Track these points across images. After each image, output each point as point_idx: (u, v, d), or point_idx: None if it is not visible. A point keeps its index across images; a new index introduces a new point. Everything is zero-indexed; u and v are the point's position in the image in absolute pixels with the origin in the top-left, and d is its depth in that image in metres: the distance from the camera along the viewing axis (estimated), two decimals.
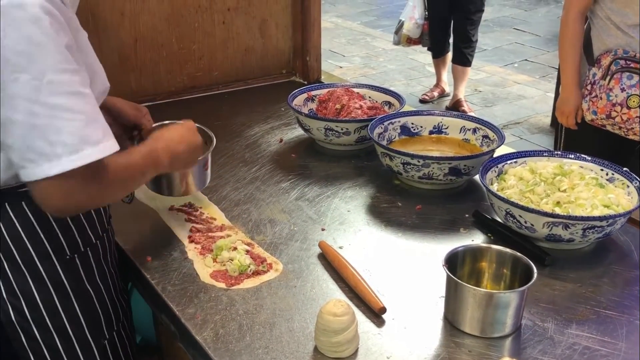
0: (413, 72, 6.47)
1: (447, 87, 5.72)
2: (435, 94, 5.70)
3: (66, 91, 1.14)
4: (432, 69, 5.82)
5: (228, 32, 2.57)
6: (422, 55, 6.41)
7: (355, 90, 2.24)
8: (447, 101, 5.60)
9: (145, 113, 1.67)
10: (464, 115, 2.03)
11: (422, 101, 5.67)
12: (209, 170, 1.69)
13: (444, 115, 2.03)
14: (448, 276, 1.28)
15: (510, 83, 6.17)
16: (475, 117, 2.01)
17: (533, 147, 4.79)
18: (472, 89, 5.96)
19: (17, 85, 1.11)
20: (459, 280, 1.26)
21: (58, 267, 1.36)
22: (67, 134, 1.14)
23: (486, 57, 6.93)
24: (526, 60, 6.86)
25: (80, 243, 1.39)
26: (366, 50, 7.20)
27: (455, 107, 5.35)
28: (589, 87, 2.35)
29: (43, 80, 1.12)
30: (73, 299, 1.39)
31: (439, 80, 5.72)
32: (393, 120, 2.00)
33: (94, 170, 1.18)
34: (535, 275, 1.28)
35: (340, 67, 6.62)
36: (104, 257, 1.47)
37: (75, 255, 1.39)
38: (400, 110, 2.07)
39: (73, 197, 1.19)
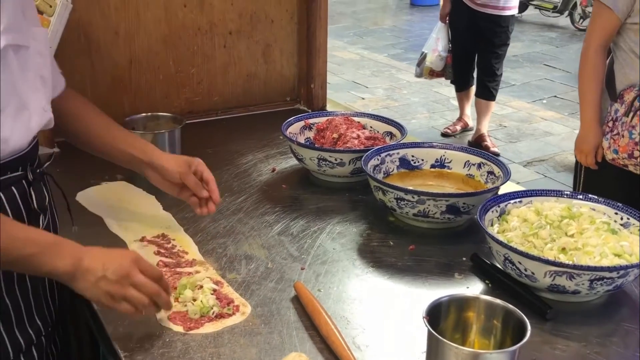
0: (437, 105, 6.33)
1: (471, 121, 5.57)
2: (458, 127, 5.55)
3: None
4: (456, 102, 5.68)
5: (229, 57, 2.46)
6: (447, 89, 6.28)
7: (356, 119, 2.10)
8: (469, 135, 5.44)
9: (195, 166, 1.59)
10: (469, 149, 1.87)
11: (444, 135, 5.53)
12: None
13: (446, 149, 1.88)
14: (429, 331, 1.12)
15: (537, 119, 6.00)
16: (480, 152, 1.86)
17: (558, 186, 4.60)
18: (497, 124, 5.80)
19: None
20: (439, 337, 1.10)
21: None
22: None
23: (514, 93, 6.78)
24: (555, 96, 6.69)
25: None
26: (390, 82, 7.09)
27: (478, 142, 5.19)
28: (610, 124, 2.18)
29: None
30: None
31: (462, 114, 5.58)
32: (391, 152, 1.85)
33: None
34: (528, 332, 1.10)
35: (362, 99, 6.52)
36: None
37: None
38: (401, 142, 1.92)
39: None
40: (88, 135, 1.57)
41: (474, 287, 1.46)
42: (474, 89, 5.30)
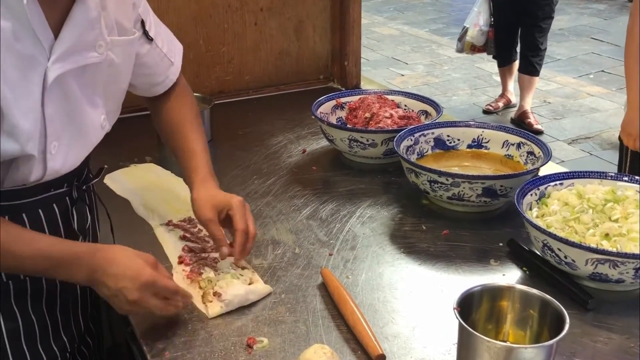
0: (478, 81, 6.17)
1: (514, 97, 5.41)
2: (501, 104, 5.40)
3: None
4: (499, 78, 5.52)
5: (260, 34, 2.41)
6: (490, 64, 6.10)
7: (390, 97, 2.03)
8: (512, 112, 5.29)
9: (229, 211, 1.32)
10: (508, 128, 1.78)
11: (486, 112, 5.39)
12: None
13: (484, 128, 1.79)
14: (460, 323, 1.06)
15: (583, 95, 5.79)
16: (520, 131, 1.77)
17: (604, 164, 4.44)
18: (541, 100, 5.63)
19: None
20: (471, 330, 1.04)
21: None
22: None
23: (559, 68, 6.56)
24: (603, 71, 6.45)
25: None
26: (431, 58, 6.94)
27: (521, 119, 5.05)
28: None
29: None
30: None
31: (505, 90, 5.42)
32: (425, 132, 1.78)
33: None
34: (567, 325, 1.03)
35: (402, 75, 6.39)
36: None
37: None
38: (435, 121, 1.84)
39: None
40: (165, 140, 1.50)
41: (510, 275, 1.39)
42: (517, 64, 5.14)
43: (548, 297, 1.09)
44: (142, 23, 1.31)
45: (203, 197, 1.34)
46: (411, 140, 1.75)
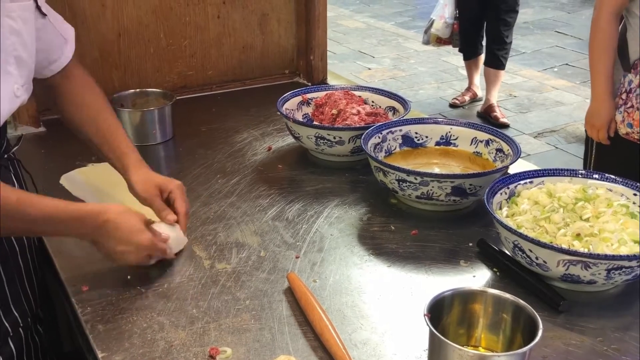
0: (445, 74, 6.17)
1: (480, 91, 5.42)
2: (467, 98, 5.40)
3: None
4: (465, 72, 5.52)
5: (223, 27, 2.34)
6: (456, 58, 6.10)
7: (357, 93, 1.98)
8: (478, 106, 5.30)
9: (169, 191, 1.42)
10: (476, 125, 1.75)
11: (453, 106, 5.39)
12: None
13: (452, 124, 1.76)
14: (430, 330, 1.02)
15: (548, 88, 5.83)
16: (489, 128, 1.74)
17: (569, 158, 4.47)
18: (507, 94, 5.65)
19: None
20: (442, 338, 1.00)
21: None
22: None
23: (524, 61, 6.60)
24: (567, 64, 6.50)
25: None
26: (397, 51, 6.92)
27: (487, 113, 5.06)
28: (623, 97, 2.06)
29: None
30: None
31: (471, 83, 5.43)
32: (393, 129, 1.74)
33: None
34: (540, 332, 1.01)
35: (369, 69, 6.36)
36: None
37: None
38: (403, 117, 1.80)
39: None
40: (79, 125, 1.47)
41: (480, 276, 1.36)
42: (482, 57, 5.14)
43: (521, 302, 1.06)
44: None
45: (145, 179, 1.41)
46: (379, 137, 1.71)
